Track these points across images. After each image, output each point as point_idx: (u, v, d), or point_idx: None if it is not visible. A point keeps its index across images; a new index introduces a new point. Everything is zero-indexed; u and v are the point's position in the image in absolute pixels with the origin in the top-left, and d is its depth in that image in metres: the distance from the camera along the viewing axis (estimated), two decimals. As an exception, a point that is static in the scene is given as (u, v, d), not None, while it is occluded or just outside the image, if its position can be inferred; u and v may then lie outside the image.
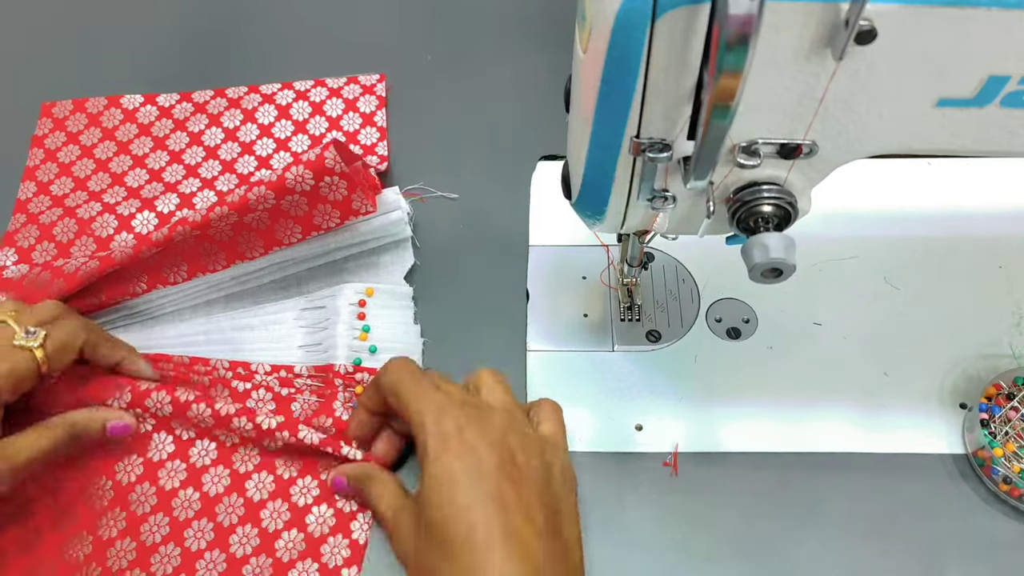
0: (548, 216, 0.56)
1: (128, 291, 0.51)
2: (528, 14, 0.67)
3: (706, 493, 0.45)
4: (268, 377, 0.50)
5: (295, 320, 0.52)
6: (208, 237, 0.50)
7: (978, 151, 0.35)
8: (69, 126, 0.61)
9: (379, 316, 0.51)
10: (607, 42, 0.31)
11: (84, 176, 0.59)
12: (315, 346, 0.50)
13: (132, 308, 0.52)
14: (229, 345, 0.51)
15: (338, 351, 0.49)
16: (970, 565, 0.43)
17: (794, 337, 0.51)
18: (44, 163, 0.60)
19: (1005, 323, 0.51)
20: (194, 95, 0.63)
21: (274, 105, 0.62)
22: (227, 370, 0.50)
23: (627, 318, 0.52)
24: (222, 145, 0.60)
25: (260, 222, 0.50)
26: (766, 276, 0.36)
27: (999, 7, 0.29)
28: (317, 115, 0.61)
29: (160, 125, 0.61)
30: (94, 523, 0.45)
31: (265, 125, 0.61)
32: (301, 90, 0.62)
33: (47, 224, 0.56)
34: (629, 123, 0.34)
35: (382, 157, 0.59)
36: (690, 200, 0.38)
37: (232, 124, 0.61)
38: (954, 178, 0.57)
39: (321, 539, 0.45)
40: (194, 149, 0.60)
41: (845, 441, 0.47)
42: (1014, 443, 0.44)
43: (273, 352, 0.51)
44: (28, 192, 0.58)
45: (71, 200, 0.58)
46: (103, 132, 0.61)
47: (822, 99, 0.32)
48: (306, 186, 0.48)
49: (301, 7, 0.68)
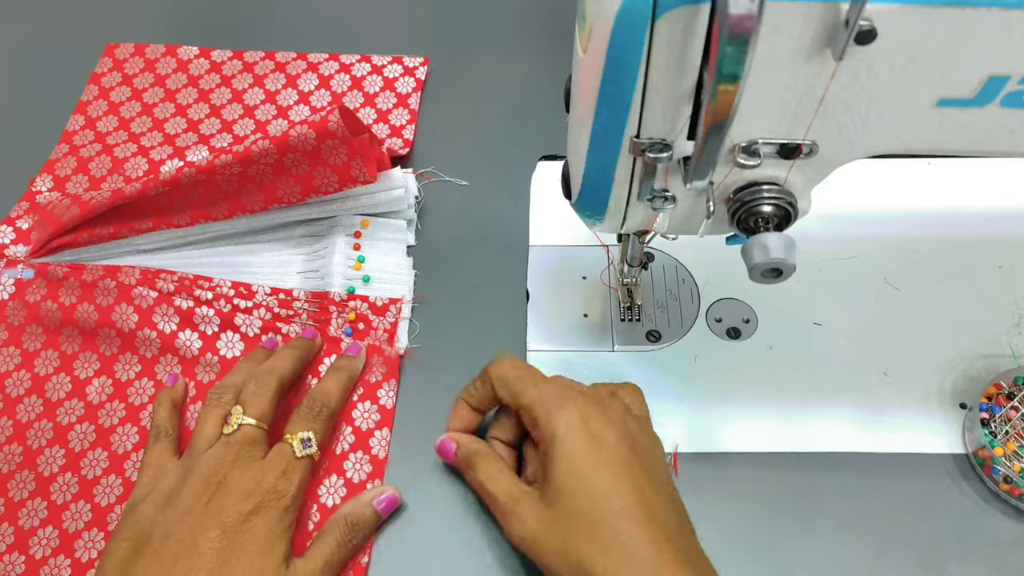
0: (548, 216, 0.56)
1: (134, 228, 0.53)
2: (528, 14, 0.67)
3: (706, 493, 0.45)
4: (268, 298, 0.51)
5: (295, 247, 0.54)
6: (213, 184, 0.51)
7: (978, 151, 0.35)
8: (127, 68, 0.65)
9: (373, 247, 0.54)
10: (607, 42, 0.31)
11: (130, 117, 0.62)
12: (312, 272, 0.53)
13: (137, 244, 0.54)
14: (232, 268, 0.53)
15: (334, 279, 0.51)
16: (970, 565, 0.43)
17: (794, 337, 0.51)
18: (96, 100, 0.63)
19: (1005, 323, 0.51)
20: (246, 54, 0.65)
21: (316, 74, 0.64)
22: (230, 288, 0.52)
23: (627, 318, 0.52)
24: (260, 106, 0.62)
25: (263, 176, 0.51)
26: (766, 276, 0.36)
27: (999, 7, 0.29)
28: (355, 89, 0.63)
29: (208, 79, 0.64)
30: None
31: (304, 92, 0.63)
32: (346, 63, 0.64)
33: (86, 158, 0.59)
34: (629, 123, 0.34)
35: (407, 141, 0.60)
36: (690, 200, 0.38)
37: (274, 87, 0.63)
38: (954, 178, 0.57)
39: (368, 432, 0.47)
40: (233, 106, 0.62)
41: (845, 441, 0.47)
42: (1014, 442, 0.45)
43: (274, 275, 0.53)
44: (76, 125, 0.61)
45: (112, 139, 0.60)
46: (155, 78, 0.64)
47: (822, 99, 0.32)
48: (308, 146, 0.49)
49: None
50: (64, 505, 0.45)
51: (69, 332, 0.51)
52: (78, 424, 0.48)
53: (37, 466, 0.46)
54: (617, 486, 0.38)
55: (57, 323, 0.51)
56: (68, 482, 0.46)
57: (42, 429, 0.48)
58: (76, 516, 0.45)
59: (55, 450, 0.47)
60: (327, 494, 0.45)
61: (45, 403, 0.49)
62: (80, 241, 0.53)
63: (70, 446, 0.47)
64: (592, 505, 0.38)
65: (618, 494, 0.38)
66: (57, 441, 0.47)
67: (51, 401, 0.49)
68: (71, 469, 0.46)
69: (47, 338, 0.51)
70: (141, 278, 0.51)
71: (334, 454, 0.47)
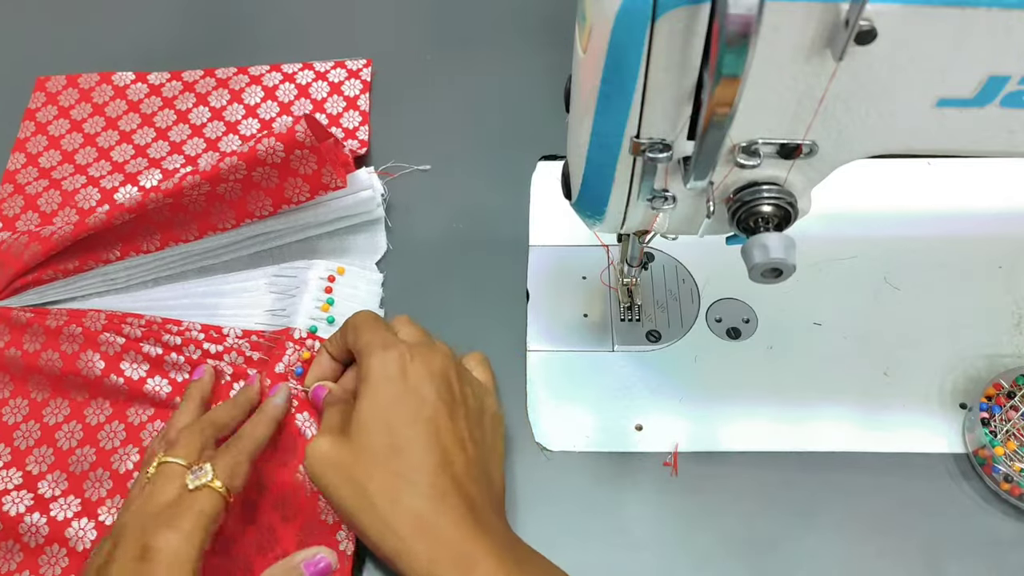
0: (548, 216, 0.56)
1: (101, 258, 0.52)
2: (528, 14, 0.67)
3: (706, 493, 0.45)
4: (240, 340, 0.50)
5: (266, 285, 0.53)
6: (181, 207, 0.51)
7: (978, 151, 0.35)
8: (61, 100, 0.63)
9: (345, 294, 0.53)
10: (607, 42, 0.31)
11: (72, 149, 0.60)
12: (280, 311, 0.52)
13: (106, 275, 0.53)
14: (203, 311, 0.52)
15: (298, 317, 0.51)
16: (970, 564, 0.43)
17: (794, 337, 0.51)
18: (35, 135, 0.61)
19: (1005, 323, 0.51)
20: (184, 74, 0.64)
21: (260, 86, 0.62)
22: (199, 332, 0.51)
23: (627, 318, 0.52)
24: (208, 124, 0.61)
25: (232, 193, 0.50)
26: (766, 276, 0.36)
27: (999, 7, 0.29)
28: (302, 97, 0.62)
29: (149, 103, 0.62)
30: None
31: (251, 106, 0.62)
32: (288, 72, 0.63)
33: (33, 195, 0.58)
34: (629, 123, 0.34)
35: (363, 142, 0.59)
36: (690, 200, 0.38)
37: (219, 104, 0.62)
38: (954, 178, 0.57)
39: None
40: (180, 127, 0.61)
41: (845, 441, 0.47)
42: (1015, 442, 0.45)
43: (244, 316, 0.52)
44: (17, 163, 0.59)
45: (57, 173, 0.59)
46: (93, 107, 0.62)
47: (822, 99, 0.32)
48: (277, 158, 0.49)
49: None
50: (38, 548, 0.45)
51: (37, 380, 0.49)
52: (49, 474, 0.47)
53: (3, 505, 0.46)
54: (416, 433, 0.39)
55: (22, 371, 0.49)
56: (37, 523, 0.45)
57: (9, 477, 0.47)
58: (52, 561, 0.45)
59: (22, 494, 0.46)
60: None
61: (14, 452, 0.48)
62: (45, 278, 0.51)
63: (39, 492, 0.46)
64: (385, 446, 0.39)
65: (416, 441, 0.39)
66: (26, 486, 0.46)
67: (19, 450, 0.48)
68: (40, 509, 0.46)
69: (15, 386, 0.50)
70: (108, 323, 0.50)
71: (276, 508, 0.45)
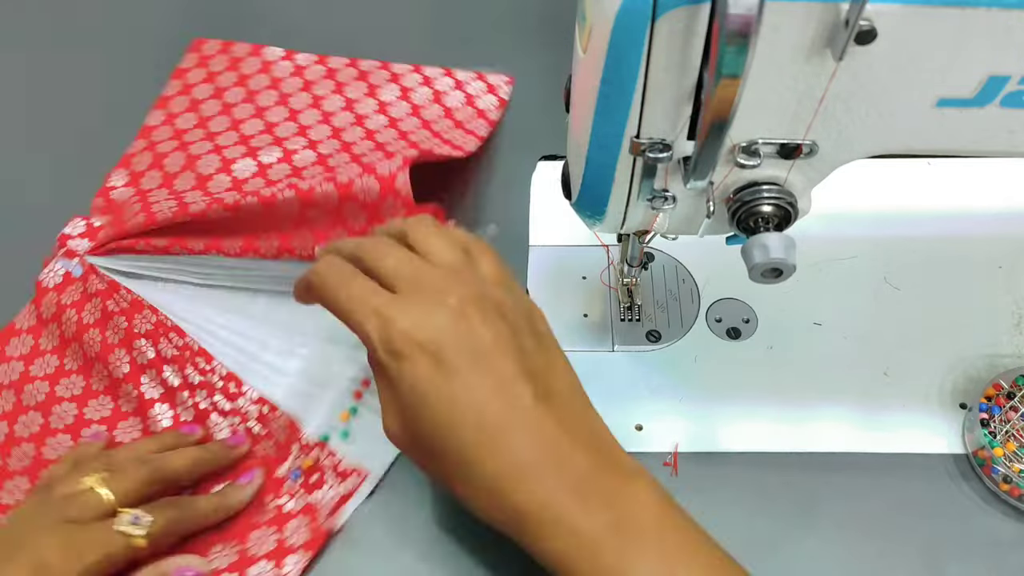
0: (548, 216, 0.56)
1: (186, 246, 0.51)
2: (527, 14, 0.67)
3: (706, 493, 0.45)
4: (252, 407, 0.48)
5: (299, 346, 0.50)
6: (269, 219, 0.50)
7: (978, 151, 0.35)
8: (211, 65, 0.63)
9: (373, 406, 0.47)
10: (607, 42, 0.31)
11: (209, 116, 0.60)
12: (300, 393, 0.48)
13: (182, 267, 0.52)
14: (236, 354, 0.50)
15: (313, 417, 0.47)
16: (970, 565, 0.43)
17: (794, 337, 0.51)
18: (179, 95, 0.62)
19: (1005, 323, 0.51)
20: (330, 60, 0.64)
21: (399, 85, 0.62)
22: (220, 379, 0.49)
23: (627, 318, 0.52)
24: (338, 113, 0.60)
25: (318, 221, 0.50)
26: (766, 276, 0.36)
27: (999, 7, 0.29)
28: (436, 103, 0.61)
29: (290, 82, 0.62)
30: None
31: (384, 102, 0.61)
32: (429, 76, 0.63)
33: (161, 153, 0.58)
34: (629, 123, 0.34)
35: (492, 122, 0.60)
36: (690, 200, 0.38)
37: (355, 95, 0.62)
38: (954, 178, 0.57)
39: None
40: (311, 112, 0.60)
41: (845, 441, 0.47)
42: (1014, 443, 0.44)
43: (269, 377, 0.49)
44: (156, 120, 0.60)
45: (189, 135, 0.59)
46: (239, 77, 0.63)
47: (822, 99, 0.32)
48: (369, 197, 0.48)
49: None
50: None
51: (74, 349, 0.50)
52: (25, 443, 0.47)
53: None
54: (472, 410, 0.35)
55: (71, 335, 0.50)
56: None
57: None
58: None
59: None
60: None
61: (16, 403, 0.48)
62: (137, 248, 0.51)
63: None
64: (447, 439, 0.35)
65: (474, 425, 0.35)
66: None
67: (20, 404, 0.48)
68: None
69: (59, 342, 0.50)
70: (152, 329, 0.49)
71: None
